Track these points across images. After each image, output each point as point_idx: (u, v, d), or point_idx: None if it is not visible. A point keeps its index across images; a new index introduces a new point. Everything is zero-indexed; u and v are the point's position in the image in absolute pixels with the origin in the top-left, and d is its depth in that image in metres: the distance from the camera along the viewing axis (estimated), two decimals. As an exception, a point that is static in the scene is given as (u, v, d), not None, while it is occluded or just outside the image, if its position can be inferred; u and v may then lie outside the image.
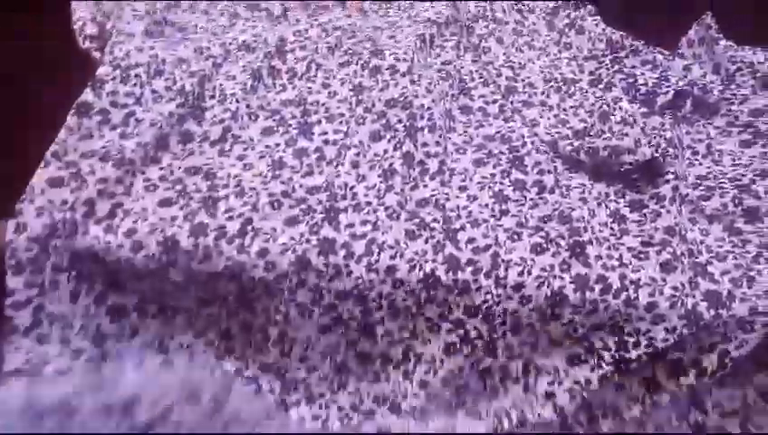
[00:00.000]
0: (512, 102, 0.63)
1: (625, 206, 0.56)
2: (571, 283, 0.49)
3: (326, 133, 0.58)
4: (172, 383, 0.44)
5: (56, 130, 0.53)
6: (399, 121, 0.57)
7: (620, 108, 0.60)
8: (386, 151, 0.56)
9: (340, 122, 0.59)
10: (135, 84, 0.57)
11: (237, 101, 0.58)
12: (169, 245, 0.48)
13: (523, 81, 0.65)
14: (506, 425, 0.48)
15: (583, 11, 0.71)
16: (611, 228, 0.54)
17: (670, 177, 0.56)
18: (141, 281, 0.49)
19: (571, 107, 0.62)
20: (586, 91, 0.64)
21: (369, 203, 0.52)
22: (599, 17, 0.71)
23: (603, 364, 0.47)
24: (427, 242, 0.50)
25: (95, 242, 0.48)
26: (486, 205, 0.54)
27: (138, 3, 0.63)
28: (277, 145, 0.57)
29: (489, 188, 0.55)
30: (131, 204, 0.51)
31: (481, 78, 0.65)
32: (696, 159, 0.61)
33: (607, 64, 0.66)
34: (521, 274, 0.49)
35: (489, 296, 0.48)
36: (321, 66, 0.63)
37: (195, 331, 0.50)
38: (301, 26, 0.66)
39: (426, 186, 0.54)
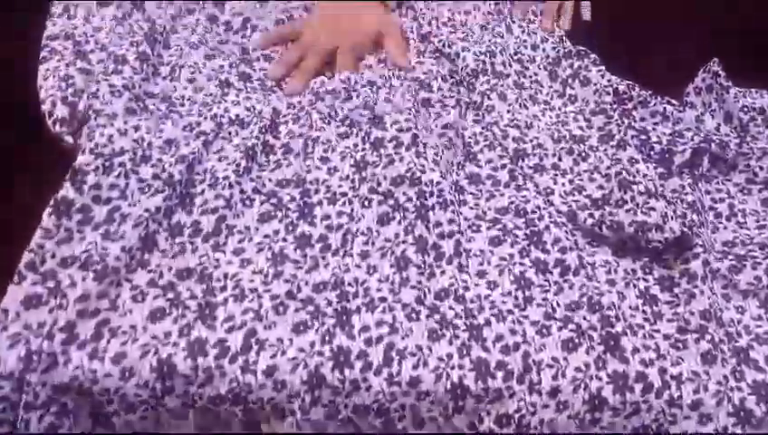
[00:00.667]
0: (522, 168, 0.59)
1: (654, 283, 0.52)
2: (608, 383, 0.45)
3: (329, 217, 0.53)
4: None
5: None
6: (409, 200, 0.53)
7: (638, 171, 0.56)
8: (397, 236, 0.51)
9: (344, 203, 0.54)
10: (119, 175, 0.51)
11: (230, 185, 0.53)
12: (165, 370, 0.43)
13: (531, 141, 0.61)
14: None
15: (587, 60, 0.68)
16: (643, 311, 0.50)
17: (699, 249, 0.52)
18: (134, 412, 0.43)
19: (586, 171, 0.58)
20: (597, 149, 0.60)
21: (383, 299, 0.48)
22: (603, 67, 0.68)
23: (655, 480, 0.44)
24: (451, 343, 0.46)
25: (79, 373, 0.42)
26: (509, 292, 0.50)
27: (114, 76, 0.57)
28: (276, 233, 0.52)
29: (509, 271, 0.51)
30: (118, 319, 0.45)
31: (486, 140, 0.61)
32: (720, 222, 0.58)
33: (617, 120, 0.62)
34: (555, 376, 0.45)
35: (523, 404, 0.44)
36: (319, 139, 0.58)
37: None
38: (293, 98, 0.61)
39: (443, 272, 0.50)
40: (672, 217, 0.52)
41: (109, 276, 0.46)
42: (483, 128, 0.62)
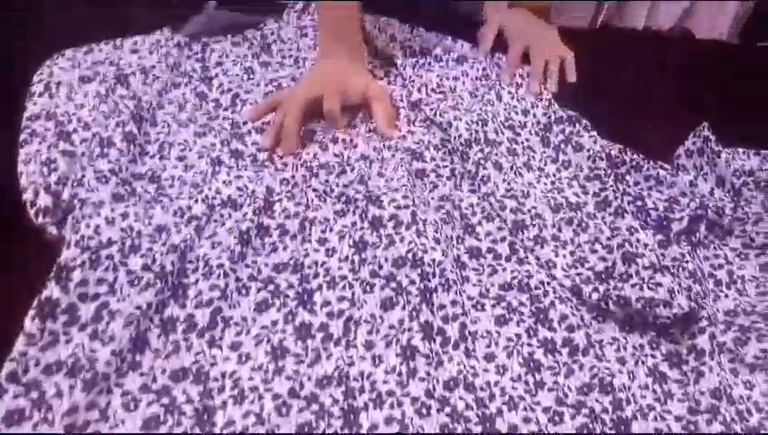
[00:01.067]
0: (522, 240, 0.58)
1: (663, 359, 0.51)
2: (626, 473, 0.43)
3: (329, 304, 0.51)
4: None
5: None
6: (411, 283, 0.51)
7: (638, 240, 0.56)
8: (401, 322, 0.50)
9: (344, 287, 0.52)
10: (107, 268, 0.49)
11: (225, 274, 0.51)
12: (163, 489, 0.40)
13: (529, 212, 0.60)
14: None
15: (579, 126, 0.68)
16: (654, 391, 0.49)
17: (704, 323, 0.52)
18: None
19: (587, 242, 0.58)
20: (594, 216, 0.60)
21: (390, 393, 0.46)
22: (595, 133, 0.68)
23: None
24: (464, 440, 0.44)
25: (69, 497, 0.39)
26: (519, 376, 0.48)
27: (100, 160, 0.55)
28: (275, 324, 0.50)
29: (517, 352, 0.50)
30: (109, 432, 0.42)
31: (483, 212, 0.60)
32: (721, 290, 0.58)
33: (612, 186, 0.62)
34: (573, 470, 0.43)
35: (543, 504, 0.42)
36: (315, 218, 0.56)
37: None
38: (287, 173, 0.60)
39: (451, 359, 0.48)
40: (679, 292, 0.51)
41: (98, 384, 0.43)
42: (479, 198, 0.61)
